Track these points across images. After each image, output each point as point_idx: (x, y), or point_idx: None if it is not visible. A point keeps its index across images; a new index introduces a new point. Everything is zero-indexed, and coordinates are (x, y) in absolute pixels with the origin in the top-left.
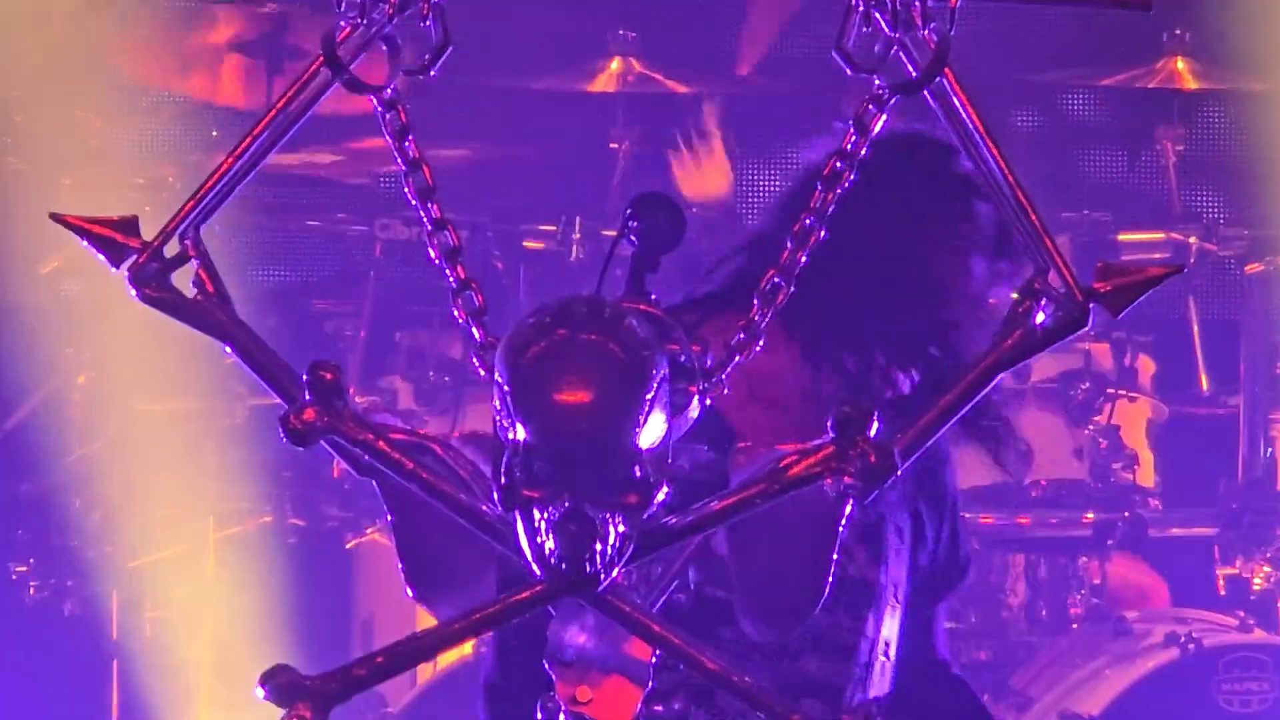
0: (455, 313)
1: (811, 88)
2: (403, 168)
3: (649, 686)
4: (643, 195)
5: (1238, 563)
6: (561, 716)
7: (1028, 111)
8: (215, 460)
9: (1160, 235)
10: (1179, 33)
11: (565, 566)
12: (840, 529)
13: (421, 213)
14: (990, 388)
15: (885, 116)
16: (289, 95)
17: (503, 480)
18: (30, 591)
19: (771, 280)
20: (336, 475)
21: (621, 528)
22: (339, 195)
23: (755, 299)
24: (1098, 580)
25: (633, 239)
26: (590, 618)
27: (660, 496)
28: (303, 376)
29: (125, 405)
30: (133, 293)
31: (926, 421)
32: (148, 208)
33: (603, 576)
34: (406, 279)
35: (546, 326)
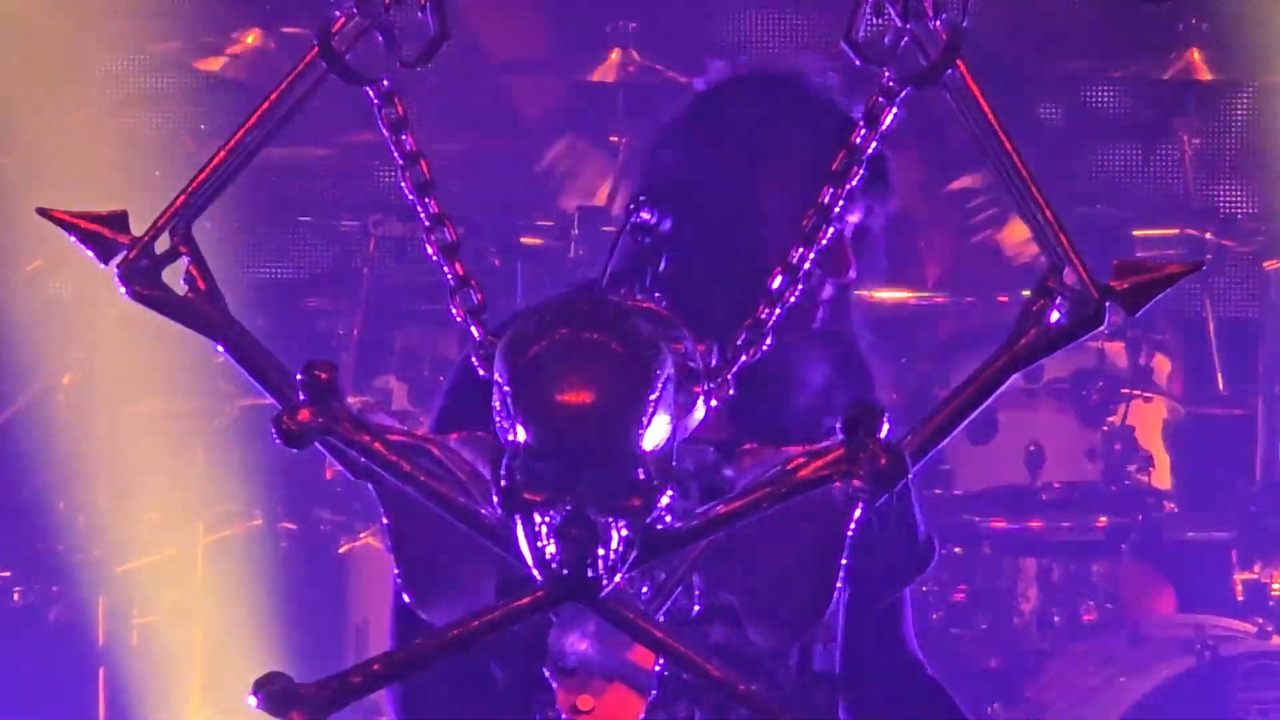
0: (453, 310)
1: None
2: (399, 162)
3: (652, 694)
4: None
5: (1256, 568)
6: None
7: (1041, 104)
8: (205, 462)
9: (1176, 231)
10: (1195, 23)
11: (567, 571)
12: (849, 533)
13: (419, 208)
14: (1004, 388)
15: (895, 109)
16: (282, 87)
17: (503, 483)
18: (14, 597)
19: (778, 278)
20: (329, 478)
21: (624, 532)
22: (332, 190)
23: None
24: (1112, 586)
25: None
26: (592, 624)
27: (664, 500)
28: (297, 376)
29: (112, 406)
30: (122, 290)
31: (939, 422)
32: (135, 204)
33: (605, 582)
34: (401, 276)
35: (548, 325)
